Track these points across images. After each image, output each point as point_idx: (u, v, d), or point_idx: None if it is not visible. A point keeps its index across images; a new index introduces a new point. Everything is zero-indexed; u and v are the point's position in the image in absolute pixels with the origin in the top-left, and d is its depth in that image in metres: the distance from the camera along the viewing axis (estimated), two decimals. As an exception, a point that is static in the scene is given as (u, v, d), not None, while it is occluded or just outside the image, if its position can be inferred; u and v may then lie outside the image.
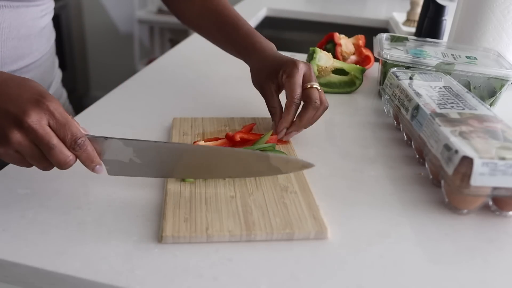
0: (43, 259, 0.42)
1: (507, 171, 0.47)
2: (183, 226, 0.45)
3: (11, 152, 0.44)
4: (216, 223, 0.46)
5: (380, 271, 0.43)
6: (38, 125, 0.43)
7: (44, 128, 0.43)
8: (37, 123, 0.43)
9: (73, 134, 0.45)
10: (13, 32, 0.64)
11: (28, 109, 0.42)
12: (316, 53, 0.84)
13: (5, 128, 0.42)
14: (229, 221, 0.46)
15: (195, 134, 0.63)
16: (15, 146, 0.43)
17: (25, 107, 0.43)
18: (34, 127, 0.42)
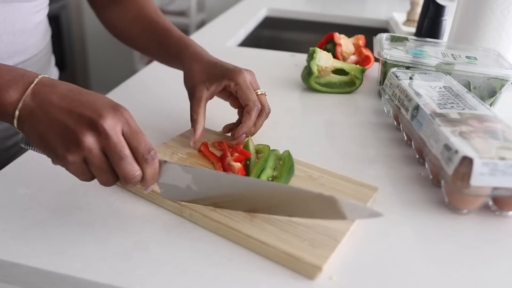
0: (43, 259, 0.42)
1: (507, 171, 0.47)
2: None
3: (77, 160, 0.41)
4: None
5: (380, 271, 0.43)
6: (113, 131, 0.41)
7: (118, 136, 0.41)
8: (112, 128, 0.41)
9: (146, 144, 0.43)
10: (7, 27, 0.64)
11: (104, 114, 0.41)
12: (316, 53, 0.84)
13: (78, 131, 0.40)
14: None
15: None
16: (85, 152, 0.41)
17: (101, 111, 0.41)
18: (109, 132, 0.40)
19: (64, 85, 0.43)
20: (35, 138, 0.42)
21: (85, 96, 0.42)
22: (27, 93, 0.42)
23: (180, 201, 0.49)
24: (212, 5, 2.91)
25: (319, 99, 0.83)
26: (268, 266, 0.43)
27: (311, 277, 0.42)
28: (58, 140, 0.41)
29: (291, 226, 0.46)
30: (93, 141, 0.41)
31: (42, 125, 0.41)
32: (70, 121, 0.41)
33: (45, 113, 0.41)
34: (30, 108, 0.42)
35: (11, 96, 0.42)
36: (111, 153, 0.41)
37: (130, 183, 0.43)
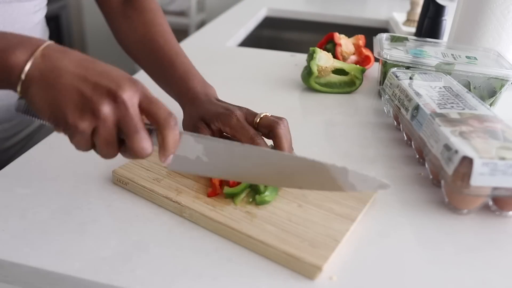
0: (43, 259, 0.42)
1: (507, 171, 0.47)
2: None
3: (87, 129, 0.40)
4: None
5: (380, 271, 0.43)
6: (131, 102, 0.40)
7: (135, 108, 0.40)
8: (131, 100, 0.40)
9: (167, 109, 0.41)
10: (7, 27, 0.64)
11: (122, 84, 0.40)
12: (316, 53, 0.84)
13: (95, 100, 0.39)
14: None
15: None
16: (100, 121, 0.39)
17: (118, 82, 0.40)
18: (128, 103, 0.39)
19: (75, 53, 0.42)
20: (42, 103, 0.40)
21: (100, 66, 0.41)
22: (36, 55, 0.40)
23: (186, 172, 0.48)
24: (212, 5, 2.91)
25: (319, 99, 0.83)
26: (268, 266, 0.43)
27: (311, 277, 0.42)
28: (70, 106, 0.39)
29: (291, 226, 0.46)
30: (109, 111, 0.39)
31: (53, 90, 0.39)
32: (86, 89, 0.39)
33: (57, 77, 0.39)
34: (40, 71, 0.39)
35: (18, 57, 0.39)
36: (126, 125, 0.40)
37: (139, 157, 0.42)
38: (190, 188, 0.51)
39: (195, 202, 0.49)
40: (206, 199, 0.49)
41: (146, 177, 0.52)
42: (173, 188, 0.51)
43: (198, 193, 0.50)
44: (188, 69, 0.65)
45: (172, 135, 0.42)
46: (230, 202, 0.49)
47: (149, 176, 0.53)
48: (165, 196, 0.49)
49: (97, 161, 0.58)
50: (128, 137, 0.41)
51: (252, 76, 0.93)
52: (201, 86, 0.63)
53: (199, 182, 0.52)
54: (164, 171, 0.54)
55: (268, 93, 0.85)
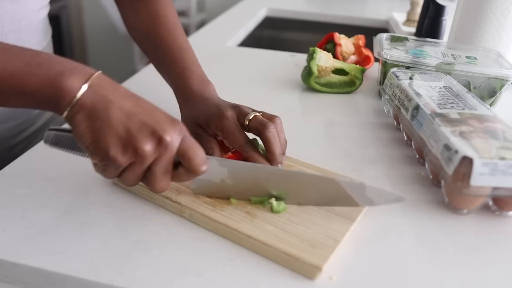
0: (43, 259, 0.42)
1: (507, 171, 0.47)
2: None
3: (126, 163, 0.42)
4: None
5: (380, 271, 0.43)
6: (174, 145, 0.42)
7: (174, 152, 0.42)
8: (174, 143, 0.42)
9: (203, 157, 0.44)
10: (13, 25, 0.64)
11: (167, 127, 0.41)
12: (316, 53, 0.84)
13: (140, 138, 0.41)
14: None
15: None
16: (139, 158, 0.41)
17: (164, 124, 0.42)
18: (170, 146, 0.41)
19: (123, 87, 0.43)
20: (87, 130, 0.41)
21: (147, 105, 0.43)
22: (89, 84, 0.41)
23: (211, 195, 0.50)
24: (212, 5, 2.91)
25: (319, 99, 0.83)
26: (268, 266, 0.43)
27: (311, 277, 0.42)
28: (114, 140, 0.41)
29: (291, 226, 0.46)
30: (151, 151, 0.41)
31: (100, 120, 0.40)
32: (132, 126, 0.41)
33: (107, 109, 0.41)
34: (91, 99, 0.40)
35: (72, 82, 0.40)
36: (160, 165, 0.42)
37: (155, 192, 0.45)
38: (190, 188, 0.51)
39: (195, 202, 0.49)
40: (206, 199, 0.49)
41: None
42: (173, 188, 0.51)
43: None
44: (187, 65, 0.64)
45: (192, 178, 0.45)
46: (230, 202, 0.49)
47: None
48: (165, 196, 0.49)
49: (97, 161, 0.58)
50: (154, 174, 0.43)
51: (252, 76, 0.93)
52: (197, 84, 0.62)
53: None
54: None
55: (268, 93, 0.85)
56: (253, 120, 0.54)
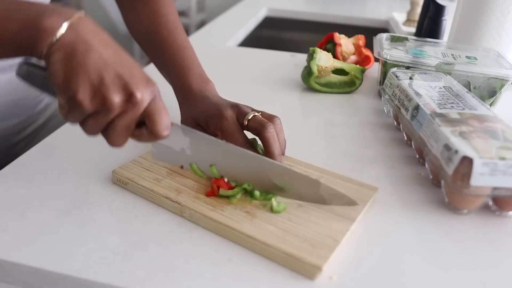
0: (43, 259, 0.42)
1: (507, 171, 0.47)
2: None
3: (91, 110, 0.41)
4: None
5: (380, 271, 0.43)
6: (142, 104, 0.42)
7: (140, 111, 0.42)
8: (143, 102, 0.41)
9: (166, 123, 0.44)
10: None
11: (140, 84, 0.41)
12: (316, 53, 0.84)
13: (111, 89, 0.40)
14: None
15: None
16: (105, 108, 0.41)
17: (138, 82, 0.41)
18: (138, 104, 0.41)
19: (106, 34, 0.43)
20: (59, 70, 0.40)
21: (125, 58, 0.42)
22: (69, 23, 0.40)
23: (168, 164, 0.49)
24: (212, 5, 2.91)
25: (319, 99, 0.83)
26: (268, 266, 0.43)
27: (311, 277, 0.42)
28: (85, 85, 0.40)
29: (291, 226, 0.46)
30: (119, 104, 0.41)
31: (76, 62, 0.40)
32: (107, 75, 0.40)
33: (84, 52, 0.40)
34: (69, 41, 0.40)
35: (52, 21, 0.39)
36: (124, 120, 0.42)
37: (110, 145, 0.44)
38: (190, 188, 0.51)
39: (195, 202, 0.49)
40: (206, 199, 0.49)
41: (146, 177, 0.52)
42: (173, 188, 0.51)
43: (198, 193, 0.50)
44: (187, 64, 0.65)
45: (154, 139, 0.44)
46: (230, 202, 0.49)
47: (149, 176, 0.53)
48: (165, 196, 0.49)
49: (97, 161, 0.58)
50: (115, 127, 0.42)
51: (252, 76, 0.93)
52: (197, 83, 0.62)
53: (199, 182, 0.52)
54: (164, 171, 0.54)
55: (268, 93, 0.85)
56: (252, 120, 0.54)
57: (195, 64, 0.65)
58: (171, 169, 0.54)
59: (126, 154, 0.60)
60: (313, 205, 0.49)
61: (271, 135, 0.53)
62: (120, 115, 0.42)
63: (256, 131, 0.54)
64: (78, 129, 0.50)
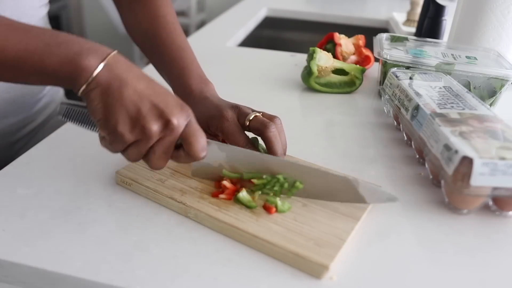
0: (43, 259, 0.42)
1: (507, 171, 0.47)
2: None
3: (132, 140, 0.44)
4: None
5: (380, 271, 0.43)
6: (179, 129, 0.45)
7: (177, 136, 0.45)
8: (179, 126, 0.44)
9: (202, 144, 0.46)
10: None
11: (174, 111, 0.44)
12: (316, 53, 0.84)
13: (149, 119, 0.43)
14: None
15: None
16: (145, 137, 0.44)
17: (173, 109, 0.44)
18: (176, 129, 0.44)
19: (138, 69, 0.46)
20: (99, 108, 0.43)
21: (158, 87, 0.45)
22: (105, 63, 0.43)
23: (208, 180, 0.52)
24: (212, 5, 2.91)
25: (319, 99, 0.83)
26: (268, 266, 0.43)
27: (317, 276, 0.42)
28: (124, 118, 0.43)
29: (296, 226, 0.46)
30: (157, 132, 0.44)
31: (113, 98, 0.43)
32: (143, 107, 0.43)
33: (120, 88, 0.43)
34: (106, 79, 0.43)
35: (90, 61, 0.43)
36: (162, 145, 0.45)
37: (151, 168, 0.47)
38: (194, 189, 0.51)
39: (200, 202, 0.49)
40: (211, 199, 0.49)
41: (150, 177, 0.52)
42: (177, 188, 0.51)
43: (202, 193, 0.50)
44: (186, 65, 0.65)
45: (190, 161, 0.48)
46: (234, 202, 0.49)
47: (153, 176, 0.52)
48: (170, 196, 0.49)
49: (97, 161, 0.58)
50: (154, 153, 0.46)
51: (252, 76, 0.93)
52: (196, 84, 0.63)
53: (203, 182, 0.52)
54: (168, 171, 0.54)
55: (268, 93, 0.85)
56: (254, 121, 0.54)
57: (194, 65, 0.65)
58: (174, 169, 0.54)
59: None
60: (318, 205, 0.50)
61: (274, 135, 0.53)
62: (159, 141, 0.45)
63: (258, 131, 0.54)
64: (77, 129, 0.50)
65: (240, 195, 0.49)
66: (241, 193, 0.49)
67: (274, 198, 0.49)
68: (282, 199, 0.50)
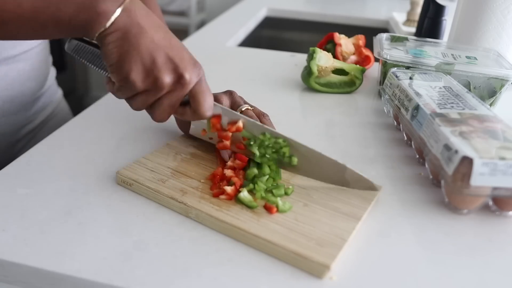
0: (43, 259, 0.42)
1: (507, 171, 0.47)
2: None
3: (143, 89, 0.45)
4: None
5: (380, 271, 0.43)
6: (189, 85, 0.45)
7: (187, 91, 0.46)
8: (190, 83, 0.45)
9: (209, 104, 0.48)
10: None
11: (188, 67, 0.45)
12: (316, 53, 0.84)
13: (163, 70, 0.44)
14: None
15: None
16: (156, 88, 0.45)
17: (186, 63, 0.45)
18: (186, 85, 0.45)
19: (154, 16, 0.46)
20: (113, 52, 0.44)
21: (174, 40, 0.46)
22: (123, 7, 0.43)
23: (202, 138, 0.55)
24: (212, 5, 2.91)
25: (319, 99, 0.83)
26: (268, 266, 0.43)
27: (319, 276, 0.42)
28: (138, 65, 0.44)
29: (298, 226, 0.46)
30: (169, 84, 0.45)
31: (129, 45, 0.43)
32: (159, 58, 0.44)
33: (137, 35, 0.43)
34: (124, 24, 0.43)
35: (107, 5, 0.43)
36: (171, 99, 0.46)
37: (154, 120, 0.49)
38: (195, 189, 0.51)
39: (201, 202, 0.49)
40: (212, 199, 0.49)
41: (150, 178, 0.52)
42: (178, 188, 0.51)
43: (203, 193, 0.50)
44: None
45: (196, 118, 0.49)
46: (236, 202, 0.49)
47: (154, 177, 0.52)
48: (171, 197, 0.49)
49: (97, 161, 0.58)
50: (161, 102, 0.46)
51: (252, 76, 0.93)
52: None
53: (204, 182, 0.52)
54: (168, 171, 0.54)
55: (268, 93, 0.85)
56: (245, 113, 0.56)
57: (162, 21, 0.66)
58: (175, 169, 0.54)
59: (126, 154, 0.60)
60: (319, 204, 0.50)
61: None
62: (168, 93, 0.46)
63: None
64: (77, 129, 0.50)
65: (241, 195, 0.49)
66: (242, 193, 0.49)
67: (275, 199, 0.49)
68: (283, 199, 0.50)
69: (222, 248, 0.45)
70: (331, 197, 0.51)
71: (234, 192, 0.50)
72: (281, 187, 0.51)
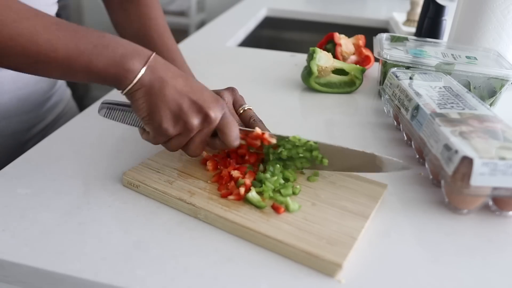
0: (43, 259, 0.42)
1: (507, 171, 0.47)
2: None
3: (175, 134, 0.49)
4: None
5: (380, 271, 0.43)
6: (216, 121, 0.50)
7: (215, 125, 0.50)
8: (216, 119, 0.50)
9: (235, 134, 0.51)
10: None
11: (211, 105, 0.49)
12: (316, 53, 0.84)
13: (189, 114, 0.48)
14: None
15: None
16: (187, 130, 0.49)
17: (210, 103, 0.49)
18: (213, 122, 0.49)
19: (174, 67, 0.50)
20: (144, 105, 0.48)
21: (194, 84, 0.50)
22: (147, 65, 0.47)
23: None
24: (212, 5, 2.91)
25: (319, 99, 0.83)
26: (268, 266, 0.43)
27: (331, 275, 0.42)
28: (167, 114, 0.48)
29: (307, 225, 0.46)
30: (197, 125, 0.49)
31: (156, 97, 0.48)
32: (184, 104, 0.48)
33: (162, 88, 0.47)
34: (149, 80, 0.47)
35: (134, 64, 0.47)
36: (201, 136, 0.51)
37: (189, 155, 0.53)
38: (202, 189, 0.51)
39: (210, 203, 0.49)
40: (220, 200, 0.49)
41: (157, 179, 0.52)
42: (185, 189, 0.51)
43: (211, 194, 0.50)
44: (178, 67, 0.66)
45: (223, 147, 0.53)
46: (244, 202, 0.49)
47: (160, 178, 0.52)
48: (179, 198, 0.49)
49: (97, 161, 0.58)
50: (193, 140, 0.51)
51: (252, 76, 0.93)
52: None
53: (211, 183, 0.52)
54: (175, 172, 0.54)
55: (268, 93, 0.85)
56: (246, 112, 0.58)
57: (184, 68, 0.69)
58: (181, 170, 0.54)
59: (126, 154, 0.60)
60: (327, 204, 0.50)
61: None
62: (198, 132, 0.50)
63: (246, 125, 0.58)
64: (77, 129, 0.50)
65: (250, 195, 0.49)
66: (251, 193, 0.49)
67: (284, 198, 0.49)
68: (292, 199, 0.50)
69: (222, 248, 0.45)
70: (338, 196, 0.51)
71: (245, 192, 0.50)
72: (289, 187, 0.51)
